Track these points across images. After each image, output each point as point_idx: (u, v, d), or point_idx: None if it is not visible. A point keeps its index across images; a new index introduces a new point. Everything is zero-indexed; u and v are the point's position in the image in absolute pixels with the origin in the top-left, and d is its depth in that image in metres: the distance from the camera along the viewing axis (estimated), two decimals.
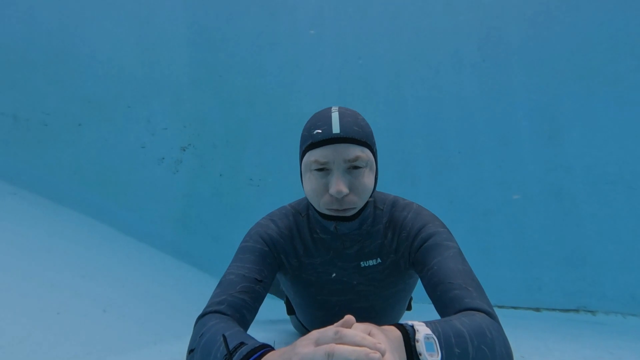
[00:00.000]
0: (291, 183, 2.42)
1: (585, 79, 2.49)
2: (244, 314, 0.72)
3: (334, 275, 0.85)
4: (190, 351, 0.63)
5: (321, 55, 2.88)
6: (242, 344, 0.55)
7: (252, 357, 0.51)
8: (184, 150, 2.70)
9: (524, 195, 2.44)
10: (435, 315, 0.71)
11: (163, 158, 2.65)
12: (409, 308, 1.10)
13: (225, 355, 0.53)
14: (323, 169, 0.72)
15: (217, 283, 0.78)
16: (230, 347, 0.54)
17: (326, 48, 2.88)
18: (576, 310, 2.12)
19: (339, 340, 0.44)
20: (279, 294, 1.57)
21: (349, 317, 0.48)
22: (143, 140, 2.65)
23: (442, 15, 2.81)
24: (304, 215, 0.86)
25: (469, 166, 2.58)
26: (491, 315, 0.63)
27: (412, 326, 0.52)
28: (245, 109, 2.82)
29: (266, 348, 0.54)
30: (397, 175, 2.58)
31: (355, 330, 0.46)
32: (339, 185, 0.69)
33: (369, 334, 0.47)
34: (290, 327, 1.42)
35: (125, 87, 2.71)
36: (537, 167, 2.47)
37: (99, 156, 2.56)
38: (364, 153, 0.72)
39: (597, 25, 2.50)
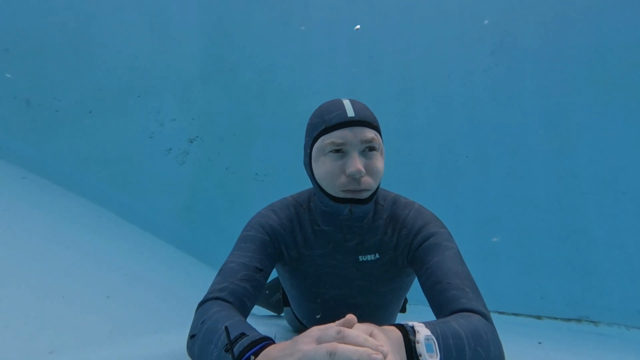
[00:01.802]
0: (295, 179, 2.43)
1: (599, 89, 2.44)
2: (244, 301, 0.72)
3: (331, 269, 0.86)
4: (192, 337, 0.64)
5: (332, 54, 2.87)
6: (243, 334, 0.55)
7: (253, 349, 0.52)
8: (192, 142, 2.72)
9: (532, 202, 2.41)
10: (430, 317, 0.71)
11: (170, 149, 2.67)
12: (404, 310, 1.10)
13: (226, 345, 0.54)
14: (339, 151, 0.73)
15: None
16: (232, 337, 0.55)
17: (338, 47, 2.86)
18: (578, 320, 2.09)
19: (341, 339, 0.44)
20: (270, 307, 1.57)
21: (350, 317, 0.48)
22: (151, 131, 2.67)
23: (457, 19, 2.78)
24: (305, 207, 0.86)
25: (476, 171, 2.56)
26: (486, 317, 0.64)
27: (413, 327, 0.53)
28: (254, 104, 2.82)
29: (267, 341, 0.54)
30: (404, 177, 2.57)
31: (357, 330, 0.46)
32: (357, 164, 0.70)
33: (370, 334, 0.47)
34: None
35: (136, 77, 2.73)
36: (546, 175, 2.43)
37: (107, 144, 2.59)
38: (377, 137, 0.75)
39: (612, 34, 2.46)
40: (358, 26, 2.53)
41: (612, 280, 2.14)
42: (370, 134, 0.73)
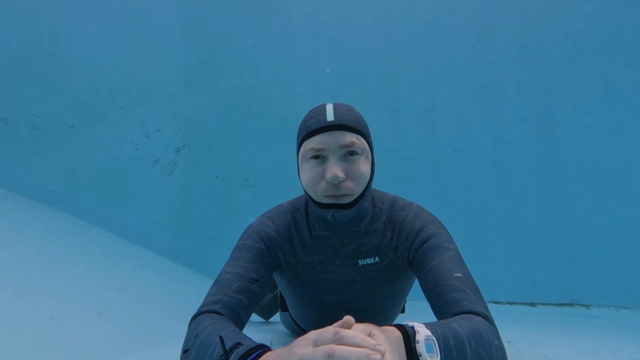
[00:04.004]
0: (287, 183, 2.42)
1: (578, 77, 2.51)
2: (239, 314, 0.71)
3: (330, 275, 0.85)
4: (185, 351, 0.63)
5: (315, 55, 2.88)
6: (238, 344, 0.55)
7: (249, 358, 0.51)
8: (179, 151, 2.68)
9: (520, 191, 2.46)
10: (429, 313, 0.71)
11: (157, 160, 2.63)
12: (402, 311, 1.10)
13: (222, 355, 0.53)
14: (319, 156, 0.73)
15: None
16: (227, 347, 0.54)
17: (320, 48, 2.88)
18: (570, 305, 2.14)
19: (339, 341, 0.44)
20: (260, 311, 1.56)
21: (348, 318, 0.48)
22: (137, 142, 2.63)
23: (436, 14, 2.82)
24: (302, 213, 0.85)
25: (464, 164, 2.60)
26: (488, 319, 0.64)
27: (413, 327, 0.52)
28: (240, 109, 2.80)
29: (263, 348, 0.54)
30: (392, 175, 2.59)
31: (355, 331, 0.46)
32: (334, 169, 0.70)
33: (369, 335, 0.47)
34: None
35: (118, 89, 2.68)
36: (531, 164, 2.49)
37: (92, 159, 2.53)
38: (359, 140, 0.73)
39: (589, 23, 2.53)
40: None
41: (601, 263, 2.20)
42: (350, 138, 0.72)
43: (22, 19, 2.64)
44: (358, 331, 0.46)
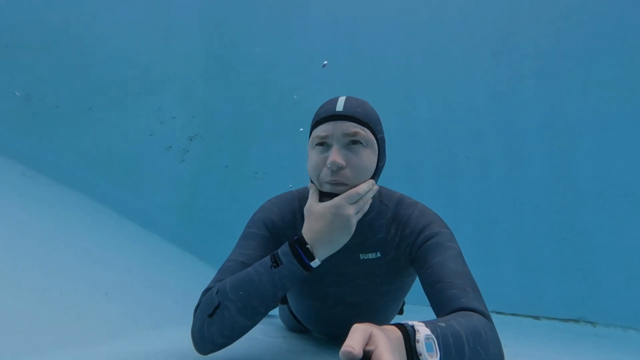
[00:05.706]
0: (296, 179, 2.43)
1: (599, 91, 2.44)
2: None
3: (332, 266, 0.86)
4: (216, 307, 0.67)
5: (333, 54, 2.86)
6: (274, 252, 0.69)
7: (295, 239, 0.69)
8: (192, 140, 2.72)
9: (531, 203, 2.41)
10: (427, 318, 0.71)
11: (170, 147, 2.67)
12: (401, 312, 1.10)
13: (271, 260, 0.68)
14: (324, 144, 0.75)
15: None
16: (267, 262, 0.68)
17: (338, 47, 2.86)
18: (576, 321, 2.10)
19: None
20: None
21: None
22: (152, 128, 2.67)
23: (458, 19, 2.78)
24: None
25: (475, 173, 2.56)
26: (486, 317, 0.64)
27: (413, 326, 0.52)
28: (254, 102, 2.82)
29: (296, 236, 0.69)
30: (403, 178, 2.57)
31: (356, 330, 0.46)
32: (334, 156, 0.71)
33: (370, 334, 0.47)
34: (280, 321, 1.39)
35: (137, 75, 2.72)
36: (544, 176, 2.44)
37: (107, 141, 2.59)
38: (364, 132, 0.74)
39: (613, 38, 2.46)
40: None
41: (610, 281, 2.14)
42: (354, 128, 0.73)
43: (49, 3, 2.70)
44: (358, 331, 0.46)
